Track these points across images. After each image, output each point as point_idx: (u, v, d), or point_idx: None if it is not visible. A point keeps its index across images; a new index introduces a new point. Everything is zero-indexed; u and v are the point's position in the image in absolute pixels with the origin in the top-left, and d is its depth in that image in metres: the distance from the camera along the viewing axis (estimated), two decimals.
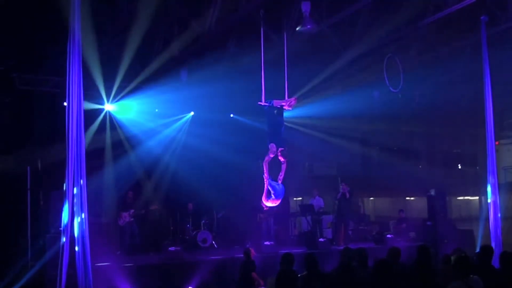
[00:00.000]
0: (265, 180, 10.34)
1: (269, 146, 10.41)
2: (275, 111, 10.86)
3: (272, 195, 10.27)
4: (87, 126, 8.79)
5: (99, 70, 13.51)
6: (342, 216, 16.51)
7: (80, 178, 8.23)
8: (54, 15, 11.20)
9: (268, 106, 10.77)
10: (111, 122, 15.66)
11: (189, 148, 16.88)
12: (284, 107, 10.96)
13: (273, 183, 10.32)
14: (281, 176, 10.56)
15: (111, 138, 15.69)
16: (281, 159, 10.36)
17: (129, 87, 14.86)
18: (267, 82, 11.04)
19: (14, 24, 12.74)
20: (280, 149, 10.29)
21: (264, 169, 10.33)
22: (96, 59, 12.98)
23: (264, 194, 10.30)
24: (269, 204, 10.43)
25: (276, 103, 10.83)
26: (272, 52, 13.20)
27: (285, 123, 11.05)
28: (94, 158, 14.42)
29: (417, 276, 7.12)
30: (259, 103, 10.95)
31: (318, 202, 17.48)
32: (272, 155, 10.31)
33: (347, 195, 16.45)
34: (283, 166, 10.53)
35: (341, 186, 16.75)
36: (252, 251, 11.34)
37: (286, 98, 11.06)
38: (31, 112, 14.31)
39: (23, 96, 14.15)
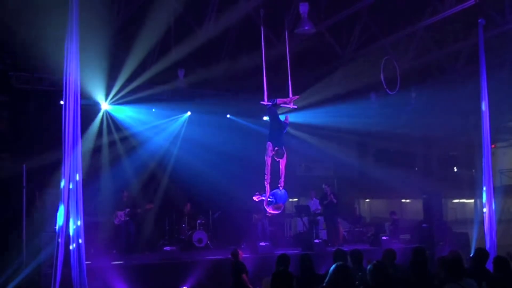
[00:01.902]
0: (266, 184, 10.27)
1: (267, 144, 10.38)
2: (277, 111, 10.89)
3: (272, 199, 10.18)
4: (83, 125, 8.76)
5: (96, 69, 13.50)
6: (330, 220, 16.46)
7: (76, 177, 8.22)
8: (52, 12, 11.19)
9: (271, 105, 10.76)
10: (109, 121, 15.65)
11: (185, 148, 16.89)
12: (288, 105, 11.01)
13: (274, 190, 10.25)
14: (281, 181, 10.48)
15: (108, 138, 15.69)
16: (277, 159, 10.31)
17: (126, 86, 14.84)
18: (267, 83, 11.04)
19: (11, 22, 12.71)
20: (275, 148, 10.24)
21: (266, 170, 10.27)
22: (93, 58, 12.96)
23: (265, 200, 10.23)
24: (271, 211, 10.35)
25: (280, 101, 10.85)
26: (271, 53, 13.23)
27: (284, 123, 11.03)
28: (91, 157, 14.44)
29: (412, 278, 7.12)
30: (262, 102, 10.94)
31: (315, 203, 17.45)
32: (270, 154, 10.26)
33: (335, 201, 16.36)
34: (281, 168, 10.46)
35: (324, 187, 16.67)
36: (240, 252, 11.12)
37: (291, 96, 11.07)
38: (28, 111, 14.29)
39: (20, 95, 14.13)
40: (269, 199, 10.11)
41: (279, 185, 10.33)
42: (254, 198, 10.56)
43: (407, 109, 18.20)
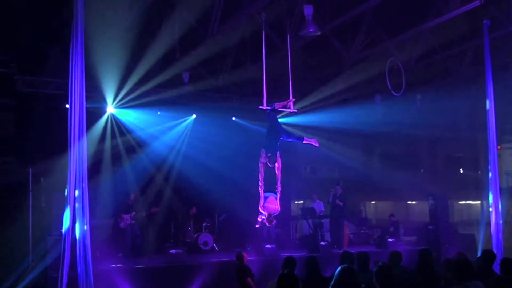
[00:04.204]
0: (260, 190, 10.30)
1: (261, 151, 10.39)
2: (276, 117, 10.89)
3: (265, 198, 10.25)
4: (89, 129, 8.79)
5: (102, 72, 13.54)
6: (335, 221, 16.40)
7: (82, 180, 8.24)
8: (57, 16, 11.24)
9: (270, 110, 10.75)
10: (114, 124, 15.68)
11: (190, 151, 16.90)
12: (288, 109, 11.03)
13: (267, 193, 10.29)
14: (278, 186, 10.49)
15: (114, 141, 15.72)
16: (269, 165, 10.30)
17: (131, 90, 14.87)
18: (270, 86, 11.06)
19: (17, 26, 12.77)
20: (268, 154, 10.23)
21: (259, 177, 10.28)
22: (99, 61, 13.00)
23: (260, 204, 10.28)
24: (270, 207, 10.35)
25: (278, 105, 10.85)
26: (275, 56, 13.25)
27: (285, 130, 11.04)
28: (97, 160, 14.47)
29: (418, 280, 7.10)
30: (260, 107, 10.95)
31: (318, 206, 17.45)
32: (263, 161, 10.26)
33: (341, 204, 16.29)
34: (277, 173, 10.46)
35: (337, 188, 16.64)
36: (245, 255, 11.06)
37: (291, 98, 11.11)
38: (33, 114, 14.32)
39: (25, 98, 14.17)
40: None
41: (276, 191, 10.37)
42: (258, 219, 10.59)
43: (412, 111, 18.17)
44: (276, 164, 10.35)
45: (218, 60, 15.58)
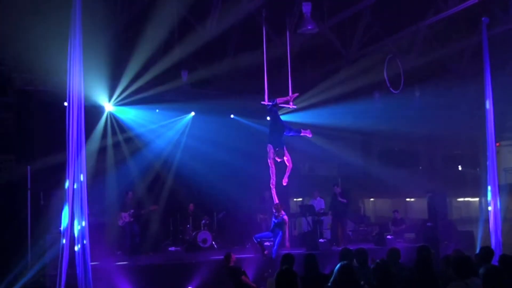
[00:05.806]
0: (271, 187, 10.36)
1: (267, 148, 10.43)
2: (278, 112, 10.93)
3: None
4: (87, 126, 8.78)
5: (100, 70, 13.51)
6: (337, 219, 16.43)
7: (81, 178, 8.24)
8: (55, 13, 11.21)
9: (271, 105, 10.77)
10: (112, 122, 15.66)
11: (189, 149, 16.89)
12: (288, 105, 11.06)
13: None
14: (286, 176, 10.56)
15: (112, 139, 15.69)
16: (278, 159, 10.35)
17: (130, 87, 14.84)
18: (268, 82, 11.07)
19: (15, 23, 12.73)
20: (276, 149, 10.28)
21: (271, 173, 10.34)
22: (97, 59, 12.97)
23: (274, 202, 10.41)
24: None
25: (279, 100, 10.88)
26: (273, 53, 13.23)
27: (287, 124, 11.09)
28: (95, 158, 14.45)
29: (417, 277, 7.10)
30: (262, 102, 10.97)
31: (319, 203, 17.45)
32: (272, 156, 10.30)
33: (344, 201, 16.37)
34: (288, 165, 10.57)
35: (335, 188, 16.69)
36: (233, 256, 10.91)
37: (290, 94, 11.14)
38: (32, 112, 14.30)
39: (24, 96, 14.15)
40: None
41: (283, 181, 10.45)
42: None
43: (411, 108, 18.16)
44: (285, 157, 10.45)
45: (216, 57, 15.56)
